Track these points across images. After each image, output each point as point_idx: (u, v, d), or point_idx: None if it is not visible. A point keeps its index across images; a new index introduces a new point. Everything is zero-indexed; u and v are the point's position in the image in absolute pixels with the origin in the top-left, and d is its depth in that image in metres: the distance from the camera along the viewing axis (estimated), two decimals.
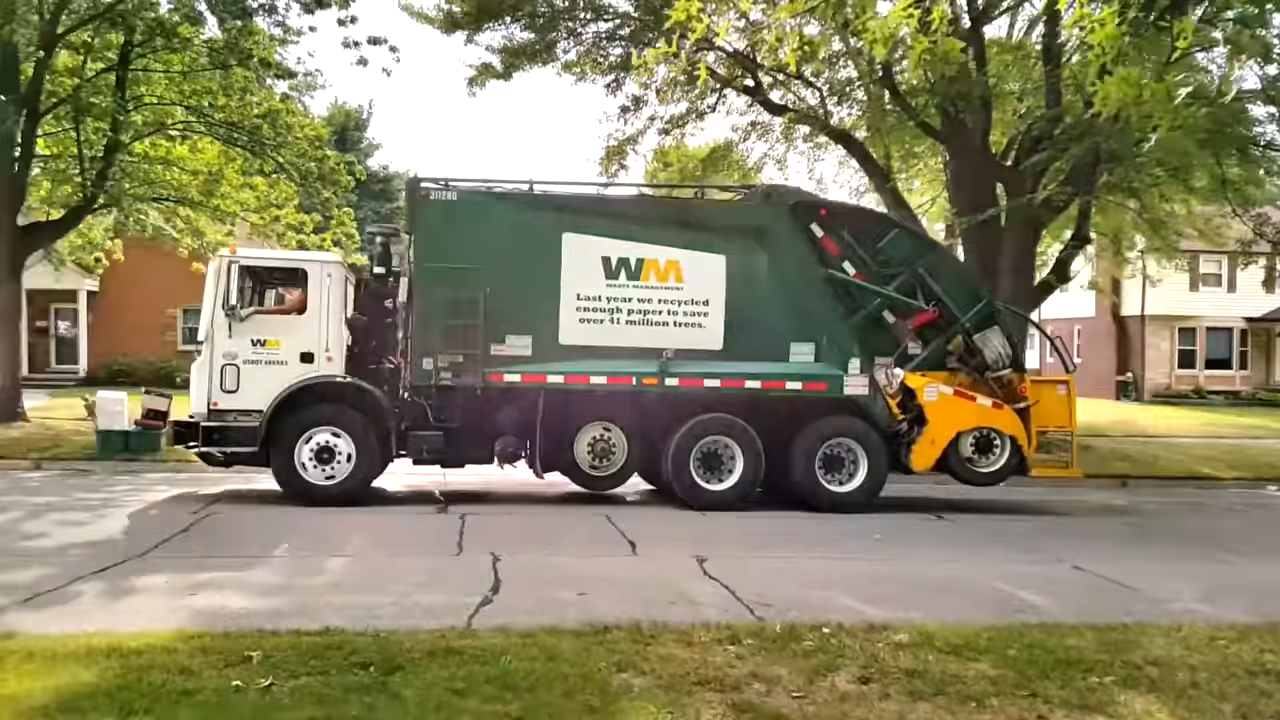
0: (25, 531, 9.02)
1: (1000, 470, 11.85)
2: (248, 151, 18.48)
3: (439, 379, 11.18)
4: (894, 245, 11.74)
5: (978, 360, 11.64)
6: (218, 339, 11.13)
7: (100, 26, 15.88)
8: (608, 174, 19.89)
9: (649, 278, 11.46)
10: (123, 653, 5.01)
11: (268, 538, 9.05)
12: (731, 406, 11.56)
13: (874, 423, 11.63)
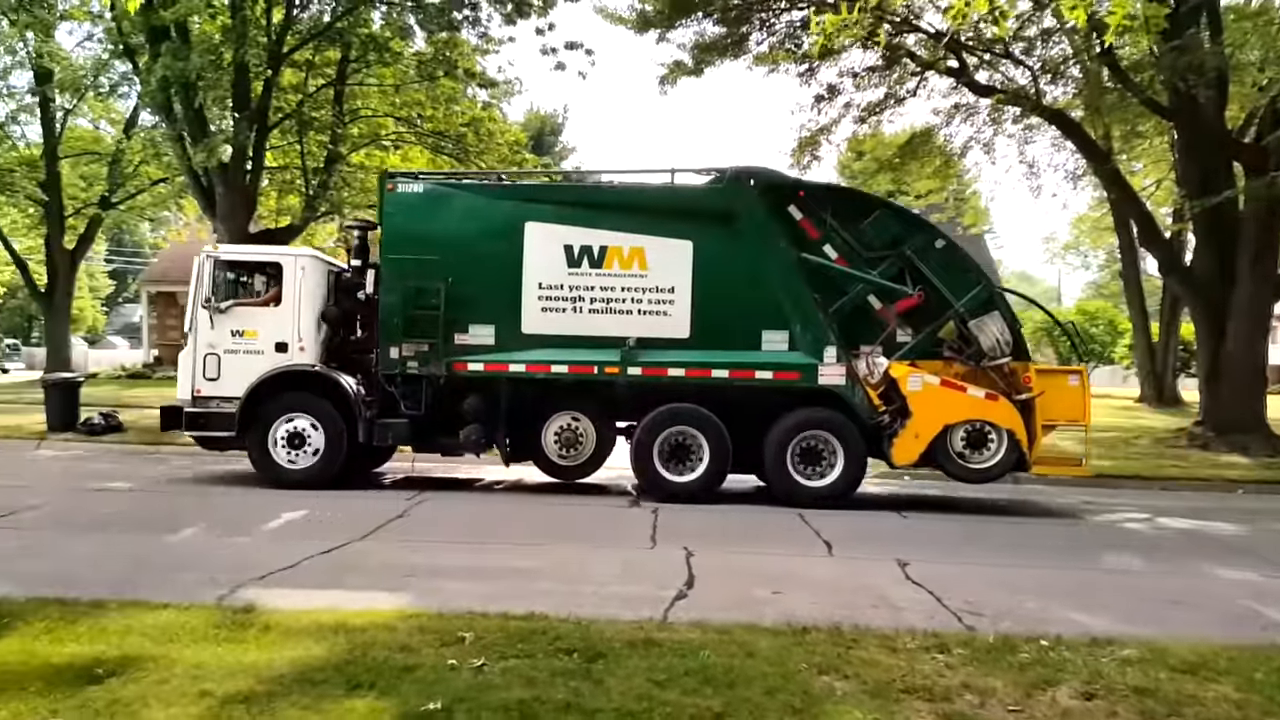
0: (263, 513, 9.77)
1: (994, 467, 11.10)
2: (453, 159, 19.39)
3: (405, 368, 11.42)
4: (879, 226, 11.17)
5: (973, 349, 10.96)
6: (201, 330, 11.65)
7: (320, 44, 17.03)
8: (800, 166, 19.60)
9: (612, 265, 11.31)
10: (348, 629, 5.33)
11: (476, 526, 9.44)
12: (699, 396, 11.32)
13: (852, 414, 11.11)
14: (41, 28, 23.62)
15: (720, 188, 11.59)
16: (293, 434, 11.51)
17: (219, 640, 5.10)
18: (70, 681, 4.38)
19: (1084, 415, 11.24)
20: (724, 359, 11.18)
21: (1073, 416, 11.28)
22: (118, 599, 5.92)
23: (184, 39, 15.70)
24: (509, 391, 11.56)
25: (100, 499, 10.51)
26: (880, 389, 10.98)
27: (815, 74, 18.53)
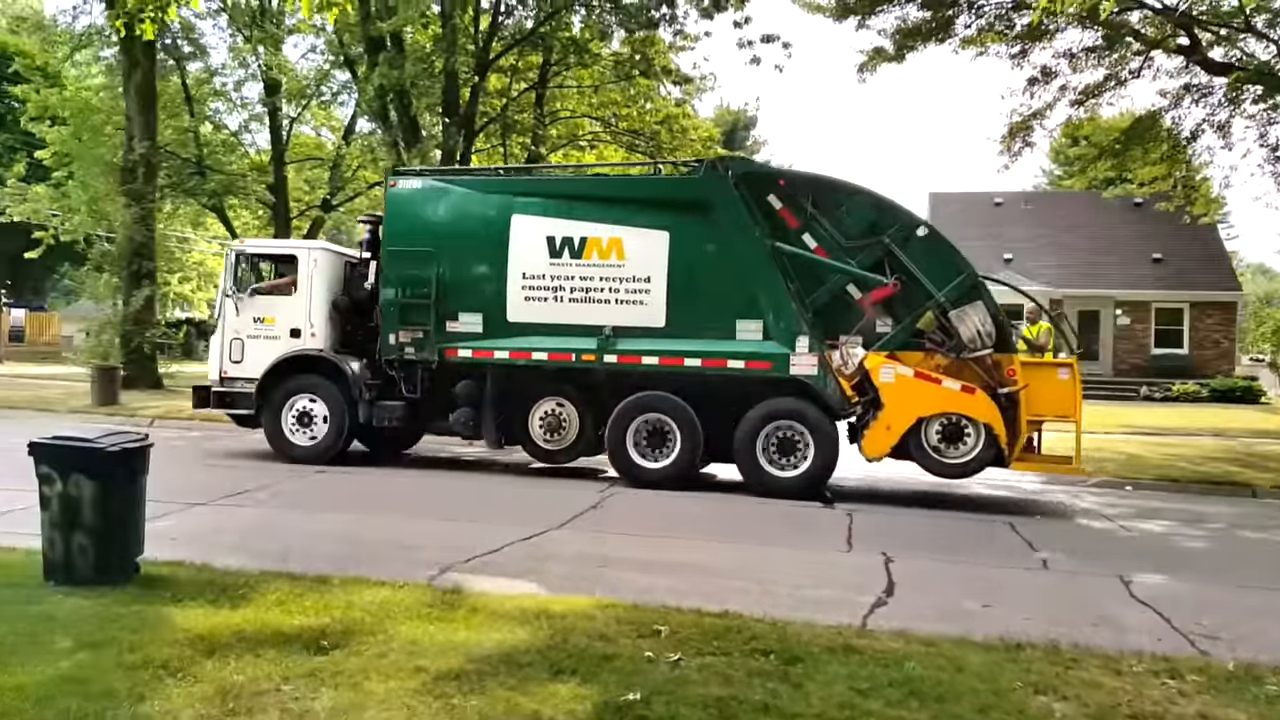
0: (465, 498, 10.23)
1: (970, 462, 10.73)
2: (647, 156, 19.65)
3: (403, 353, 11.99)
4: (856, 215, 10.97)
5: (954, 340, 10.51)
6: (228, 317, 12.67)
7: (523, 49, 17.62)
8: (1010, 153, 18.64)
9: (591, 256, 11.50)
10: (549, 615, 5.46)
11: (668, 521, 9.51)
12: (674, 385, 11.36)
13: (823, 405, 10.94)
14: (272, 42, 25.61)
15: (696, 179, 11.85)
16: (302, 413, 12.31)
17: (431, 619, 5.33)
18: (299, 651, 4.69)
19: (1074, 410, 10.66)
20: (697, 348, 11.23)
21: (1063, 411, 10.75)
22: (339, 575, 6.31)
23: (399, 49, 16.62)
24: (497, 377, 11.95)
25: (319, 482, 11.25)
26: (854, 380, 10.74)
27: (1028, 56, 17.57)
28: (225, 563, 6.56)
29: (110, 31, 22.56)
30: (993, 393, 10.55)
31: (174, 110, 25.35)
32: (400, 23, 15.89)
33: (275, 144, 28.30)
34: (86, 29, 24.43)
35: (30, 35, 43.17)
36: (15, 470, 8.82)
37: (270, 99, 27.01)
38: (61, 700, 3.92)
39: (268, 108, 27.60)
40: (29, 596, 5.39)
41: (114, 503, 5.69)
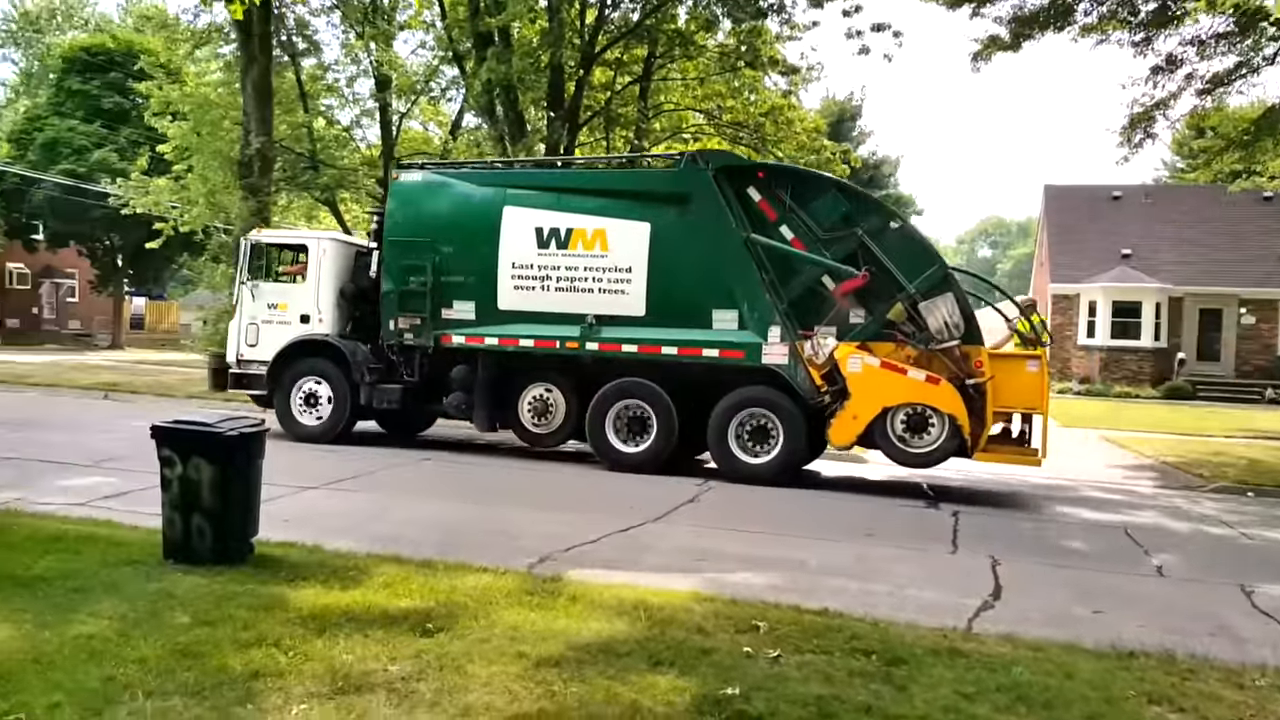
0: (563, 489, 10.34)
1: (934, 452, 10.82)
2: (752, 149, 19.47)
3: (402, 339, 12.57)
4: (830, 206, 11.10)
5: (924, 331, 10.60)
6: (245, 303, 13.45)
7: (629, 42, 17.63)
8: (1130, 144, 17.86)
9: (576, 246, 11.82)
10: (647, 607, 5.46)
11: (766, 516, 9.42)
12: (653, 372, 11.65)
13: (793, 394, 11.08)
14: (383, 39, 26.21)
15: (676, 172, 12.20)
16: (309, 394, 13.02)
17: (531, 606, 5.40)
18: (405, 633, 4.79)
19: (1041, 402, 10.68)
20: (674, 337, 11.52)
21: (1030, 403, 10.80)
22: (443, 560, 6.44)
23: (506, 44, 16.82)
24: (488, 363, 12.41)
25: (424, 470, 11.51)
26: (825, 370, 10.85)
27: (1152, 44, 16.75)
28: (335, 545, 6.76)
29: (229, 27, 23.45)
30: (961, 384, 10.58)
31: (289, 106, 26.13)
32: (508, 18, 16.10)
33: (385, 139, 28.97)
34: (207, 26, 25.38)
35: (154, 33, 45.26)
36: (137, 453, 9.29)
37: (381, 94, 27.64)
38: (180, 674, 4.09)
39: (378, 103, 28.26)
40: (149, 574, 5.64)
41: (231, 485, 5.90)
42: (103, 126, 39.25)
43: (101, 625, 4.66)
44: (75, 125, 38.87)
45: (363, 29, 25.63)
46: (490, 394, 12.44)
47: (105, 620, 4.74)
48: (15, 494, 8.35)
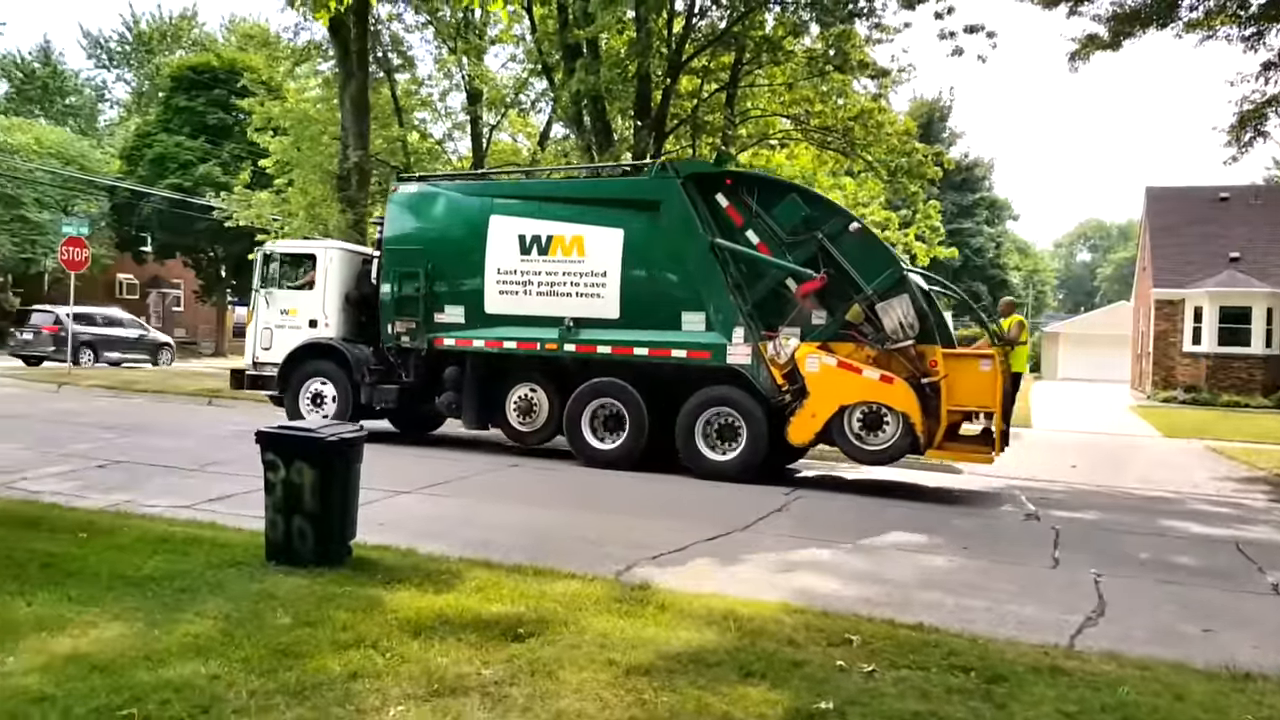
0: (649, 494, 10.32)
1: (888, 449, 11.10)
2: (839, 153, 19.24)
3: (399, 342, 13.30)
4: (791, 211, 11.39)
5: (880, 331, 10.89)
6: (260, 310, 14.45)
7: (715, 49, 17.59)
8: (1239, 144, 17.08)
9: (555, 252, 12.36)
10: (737, 617, 5.41)
11: (855, 527, 9.25)
12: (627, 372, 12.10)
13: (755, 392, 11.40)
14: (474, 53, 26.73)
15: (646, 180, 12.74)
16: (315, 394, 13.91)
17: (620, 613, 5.40)
18: (497, 637, 4.84)
19: (994, 401, 10.79)
20: (645, 338, 11.96)
21: (983, 402, 10.90)
22: (532, 565, 6.50)
23: (594, 55, 16.95)
24: (476, 364, 13.07)
25: (513, 475, 11.65)
26: (786, 369, 11.19)
27: (1263, 38, 15.98)
28: (429, 549, 6.88)
29: (328, 45, 24.16)
30: (917, 383, 10.81)
31: (385, 120, 26.83)
32: (597, 29, 16.23)
33: (476, 150, 29.51)
34: (306, 44, 26.25)
35: (256, 51, 46.94)
36: (239, 456, 9.61)
37: (472, 107, 28.18)
38: (282, 674, 4.20)
39: (470, 116, 28.82)
40: (253, 575, 5.81)
41: (331, 489, 6.05)
42: (207, 142, 40.85)
43: (207, 624, 4.82)
44: (182, 141, 40.53)
45: (455, 44, 26.18)
46: (479, 393, 13.10)
47: (210, 620, 4.89)
48: (125, 496, 8.72)
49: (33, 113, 62.40)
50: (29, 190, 41.88)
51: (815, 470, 13.23)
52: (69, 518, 7.25)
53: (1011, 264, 70.51)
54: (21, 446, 11.78)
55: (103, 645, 4.44)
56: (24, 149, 42.81)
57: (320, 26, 23.96)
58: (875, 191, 19.89)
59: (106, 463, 10.74)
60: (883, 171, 18.34)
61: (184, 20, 69.42)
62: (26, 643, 4.42)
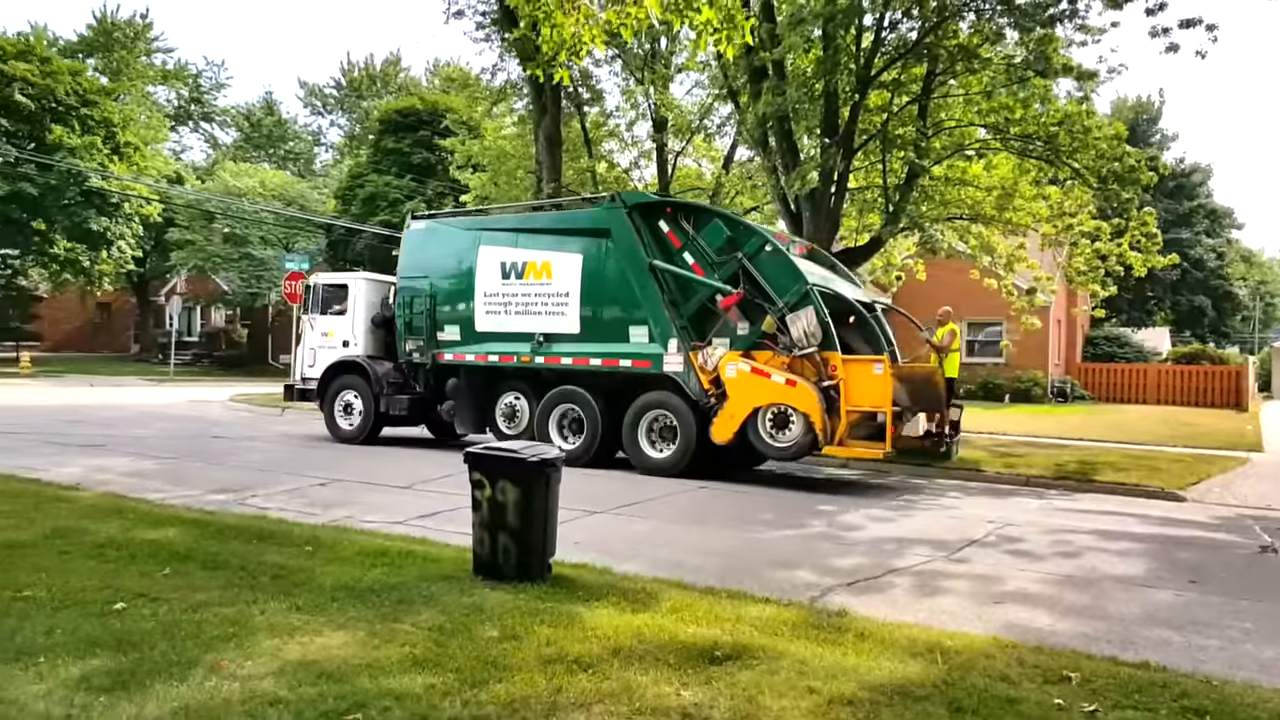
0: (844, 523, 10.09)
1: (792, 447, 12.19)
2: (1042, 161, 18.32)
3: (411, 358, 15.41)
4: (717, 234, 12.71)
5: (789, 339, 11.96)
6: (306, 333, 16.87)
7: (907, 62, 17.15)
8: None
9: (529, 276, 14.10)
10: (943, 650, 5.20)
11: (1069, 559, 8.71)
12: (584, 380, 13.70)
13: (685, 396, 12.74)
14: (660, 82, 27.24)
15: (599, 210, 14.14)
16: (346, 404, 16.09)
17: (818, 640, 5.29)
18: (694, 659, 4.84)
19: (885, 401, 11.66)
20: (599, 350, 13.50)
21: (876, 402, 11.77)
22: (724, 588, 6.48)
23: (780, 76, 16.88)
24: (470, 375, 14.95)
25: (701, 497, 11.67)
26: (713, 375, 12.46)
27: None
28: (623, 568, 6.98)
29: (523, 83, 25.22)
30: (821, 386, 11.83)
31: (575, 152, 27.75)
32: (784, 51, 16.15)
33: (661, 176, 30.02)
34: (503, 84, 27.49)
35: (457, 93, 49.57)
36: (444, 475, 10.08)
37: (658, 135, 28.71)
38: (492, 685, 4.35)
39: (655, 143, 29.38)
40: (461, 589, 6.06)
41: (533, 507, 6.25)
42: (412, 180, 43.38)
43: (422, 635, 5.06)
44: (390, 180, 43.21)
45: (642, 75, 26.77)
46: (472, 401, 14.95)
47: (425, 630, 5.14)
48: (344, 512, 9.31)
49: (258, 158, 68.32)
50: (255, 229, 45.79)
51: (1021, 497, 12.57)
52: (295, 532, 7.80)
53: (1236, 275, 64.98)
54: (251, 466, 12.81)
55: (329, 652, 4.74)
56: (250, 192, 46.86)
57: (516, 66, 25.09)
58: (1083, 200, 18.75)
59: (327, 481, 11.51)
60: (1090, 178, 17.27)
61: (390, 66, 74.31)
62: (261, 648, 4.77)
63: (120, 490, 9.95)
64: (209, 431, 17.10)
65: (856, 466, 14.84)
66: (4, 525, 7.58)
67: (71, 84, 36.22)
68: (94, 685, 4.19)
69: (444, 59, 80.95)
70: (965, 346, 32.24)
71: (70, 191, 35.07)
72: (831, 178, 17.87)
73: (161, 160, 49.76)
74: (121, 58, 62.74)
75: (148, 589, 5.79)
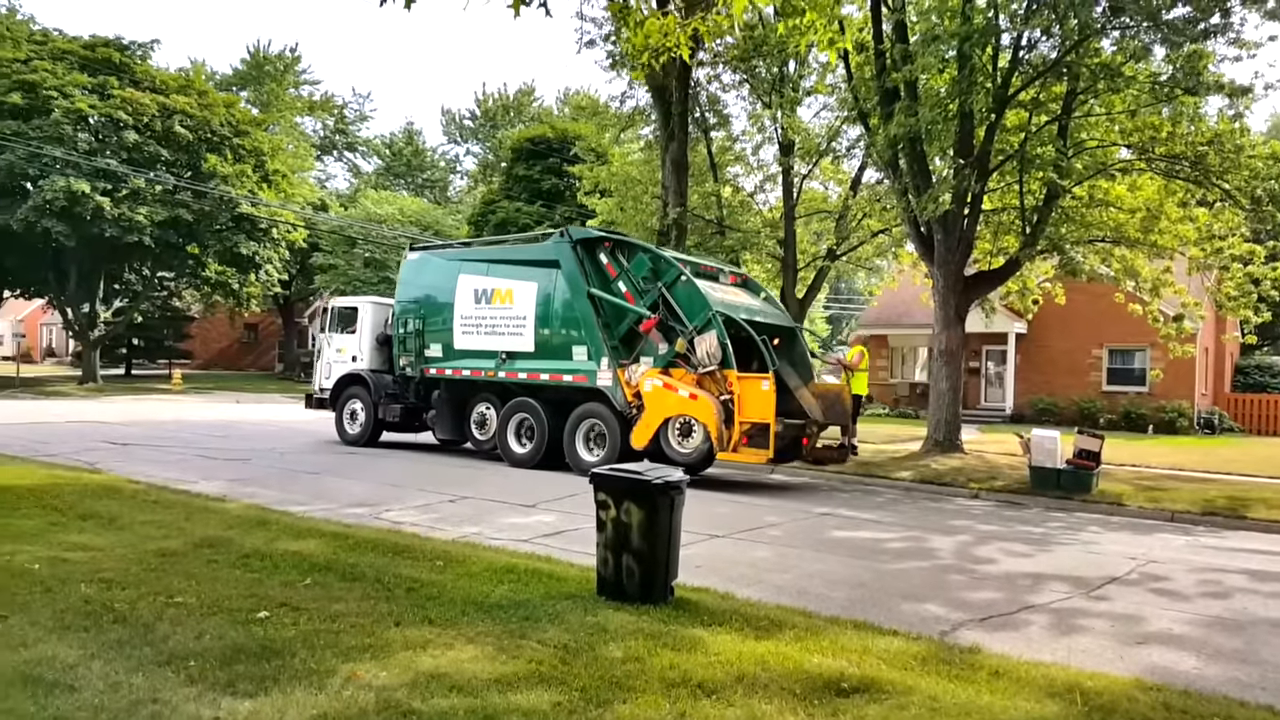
0: (976, 556, 9.76)
1: (693, 454, 13.85)
2: (1190, 182, 17.42)
3: (404, 371, 17.69)
4: (641, 265, 14.53)
5: (696, 359, 13.46)
6: (324, 349, 19.52)
7: (1046, 81, 16.60)
8: None
9: (495, 301, 16.18)
10: (1083, 691, 4.97)
11: (1218, 598, 8.20)
12: (536, 393, 15.65)
13: (613, 408, 14.41)
14: (788, 105, 27.14)
15: (549, 244, 15.93)
16: (351, 411, 18.51)
17: (949, 676, 5.13)
18: (820, 690, 4.76)
19: (769, 414, 13.04)
20: (548, 366, 15.44)
21: (762, 415, 13.12)
22: (849, 619, 6.36)
23: (913, 97, 16.59)
24: (450, 387, 17.06)
25: (820, 523, 11.47)
26: (635, 389, 14.09)
27: None
28: (745, 593, 6.94)
29: (650, 109, 25.52)
30: (720, 400, 13.28)
31: (700, 177, 27.88)
32: (917, 70, 15.87)
33: (786, 200, 29.83)
34: (631, 110, 27.86)
35: (586, 120, 50.55)
36: (566, 495, 10.23)
37: (785, 159, 28.58)
38: (617, 706, 4.38)
39: (781, 167, 29.25)
40: (586, 608, 6.12)
41: (657, 530, 6.28)
42: (542, 206, 44.38)
43: (548, 652, 5.13)
44: (520, 206, 44.31)
45: (770, 98, 26.74)
46: (451, 410, 17.02)
47: (550, 648, 5.21)
48: (474, 529, 9.55)
49: (397, 186, 71.11)
50: (394, 254, 47.55)
51: (1165, 533, 11.90)
52: (427, 547, 8.04)
53: None
54: (385, 482, 13.27)
55: (459, 665, 4.86)
56: (390, 218, 48.75)
57: (644, 93, 25.41)
58: (1234, 223, 17.72)
59: (456, 498, 11.83)
60: (1243, 200, 16.29)
61: (524, 96, 76.35)
62: (395, 659, 4.93)
63: (264, 502, 10.45)
64: (347, 448, 17.81)
65: (989, 497, 14.37)
66: (157, 534, 8.06)
67: (226, 115, 38.44)
68: (240, 690, 4.41)
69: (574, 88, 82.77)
70: (1105, 374, 30.94)
71: (222, 217, 37.15)
72: (965, 199, 17.42)
73: (307, 188, 52.30)
74: (271, 90, 66.40)
75: (289, 598, 6.06)
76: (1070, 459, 14.16)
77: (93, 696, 4.23)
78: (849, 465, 16.75)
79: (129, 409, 27.26)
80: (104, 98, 34.26)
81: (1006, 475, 15.59)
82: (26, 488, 10.19)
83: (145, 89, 35.97)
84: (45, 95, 32.72)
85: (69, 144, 32.97)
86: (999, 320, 27.96)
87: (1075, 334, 30.45)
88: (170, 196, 35.13)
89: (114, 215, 32.62)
